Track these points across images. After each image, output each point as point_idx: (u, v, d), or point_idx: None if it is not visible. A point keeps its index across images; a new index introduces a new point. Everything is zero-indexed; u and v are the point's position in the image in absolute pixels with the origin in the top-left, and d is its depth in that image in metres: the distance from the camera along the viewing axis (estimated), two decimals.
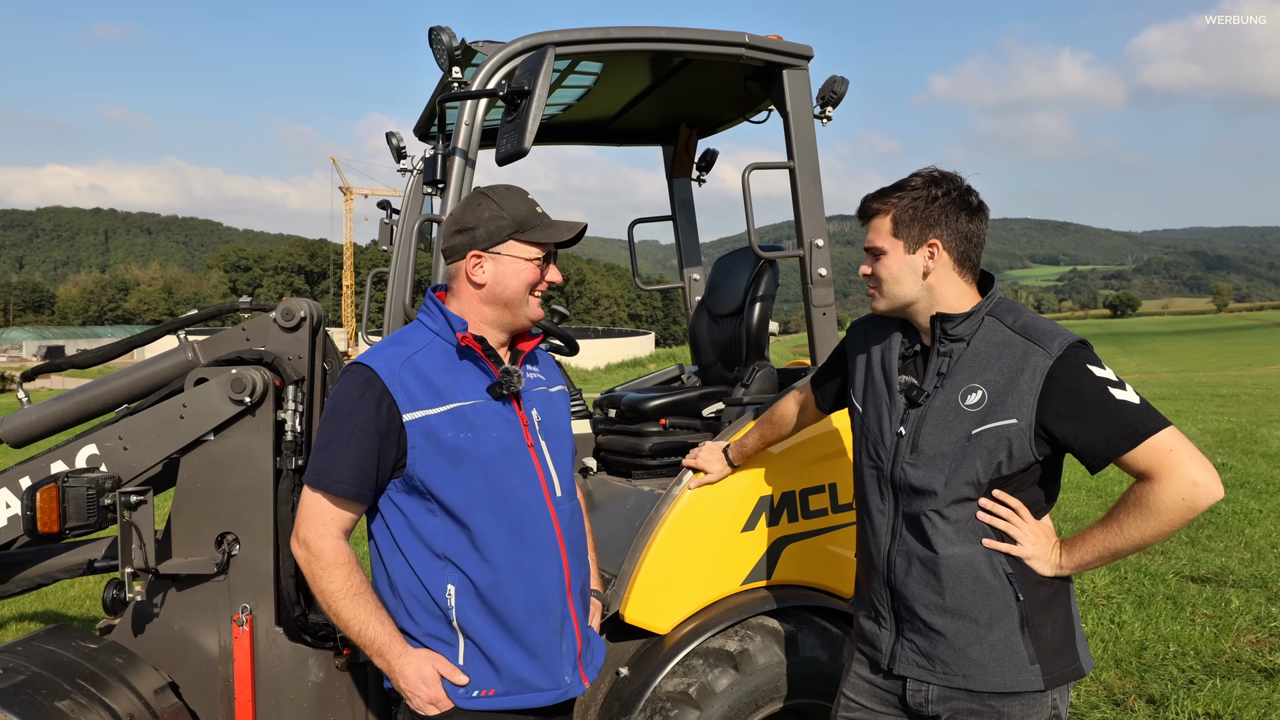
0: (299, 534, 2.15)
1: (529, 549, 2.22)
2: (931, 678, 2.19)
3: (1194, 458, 2.00)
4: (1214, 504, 2.00)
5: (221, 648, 3.04)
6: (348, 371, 2.18)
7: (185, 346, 3.29)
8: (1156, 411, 2.03)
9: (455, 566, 2.17)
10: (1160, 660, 5.30)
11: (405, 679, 2.15)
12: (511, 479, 2.21)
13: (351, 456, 2.10)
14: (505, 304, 2.25)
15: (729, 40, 3.21)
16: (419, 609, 2.19)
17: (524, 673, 2.22)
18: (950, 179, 2.24)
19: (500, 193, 2.26)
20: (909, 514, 2.22)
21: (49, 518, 2.77)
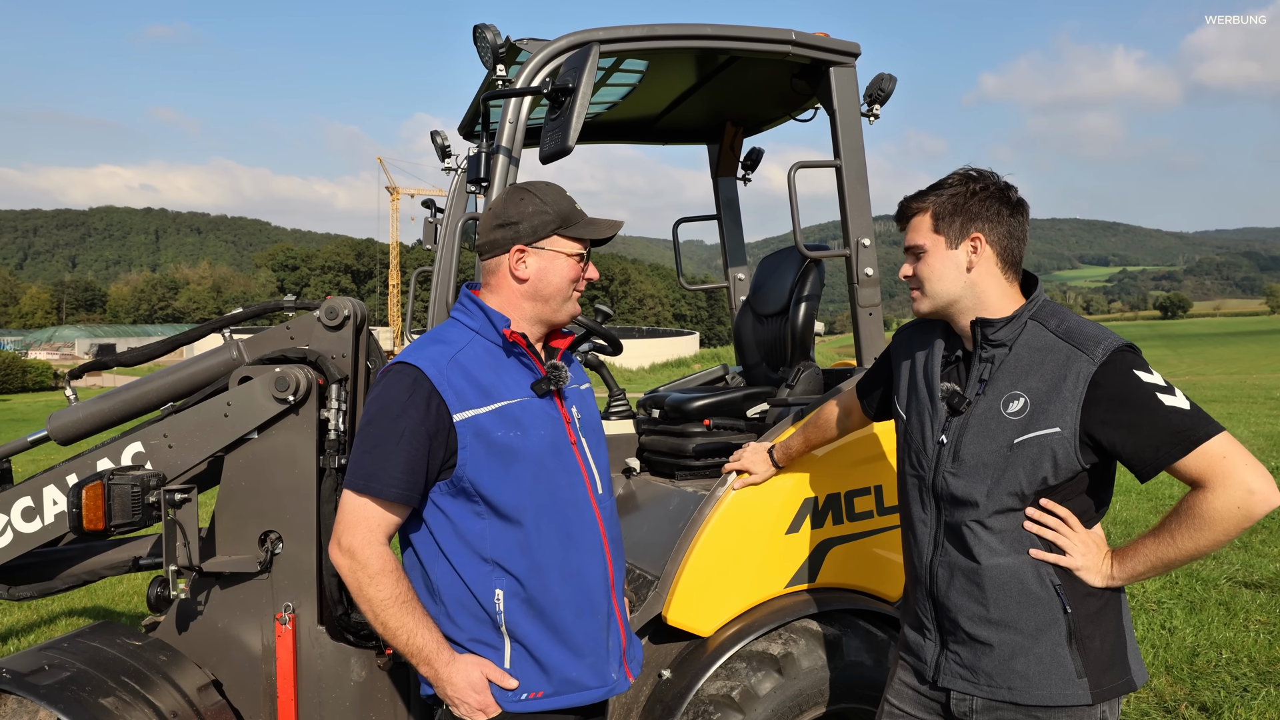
0: (341, 542, 2.10)
1: (576, 548, 2.19)
2: (976, 690, 2.14)
3: (1249, 464, 1.93)
4: (1271, 511, 1.93)
5: (264, 646, 3.05)
6: (392, 371, 2.13)
7: (230, 345, 3.30)
8: (1208, 416, 1.96)
9: (504, 570, 2.13)
10: (1213, 667, 5.18)
11: (454, 686, 2.12)
12: (559, 478, 2.18)
13: (402, 459, 2.05)
14: (547, 299, 2.22)
15: (775, 38, 3.17)
16: (463, 614, 2.16)
17: (572, 673, 2.19)
18: (988, 175, 2.19)
19: (541, 188, 2.23)
20: (950, 524, 2.17)
21: (94, 515, 2.79)
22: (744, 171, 4.45)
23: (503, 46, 2.86)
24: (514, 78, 2.91)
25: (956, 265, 2.17)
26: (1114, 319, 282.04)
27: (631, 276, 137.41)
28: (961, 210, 2.15)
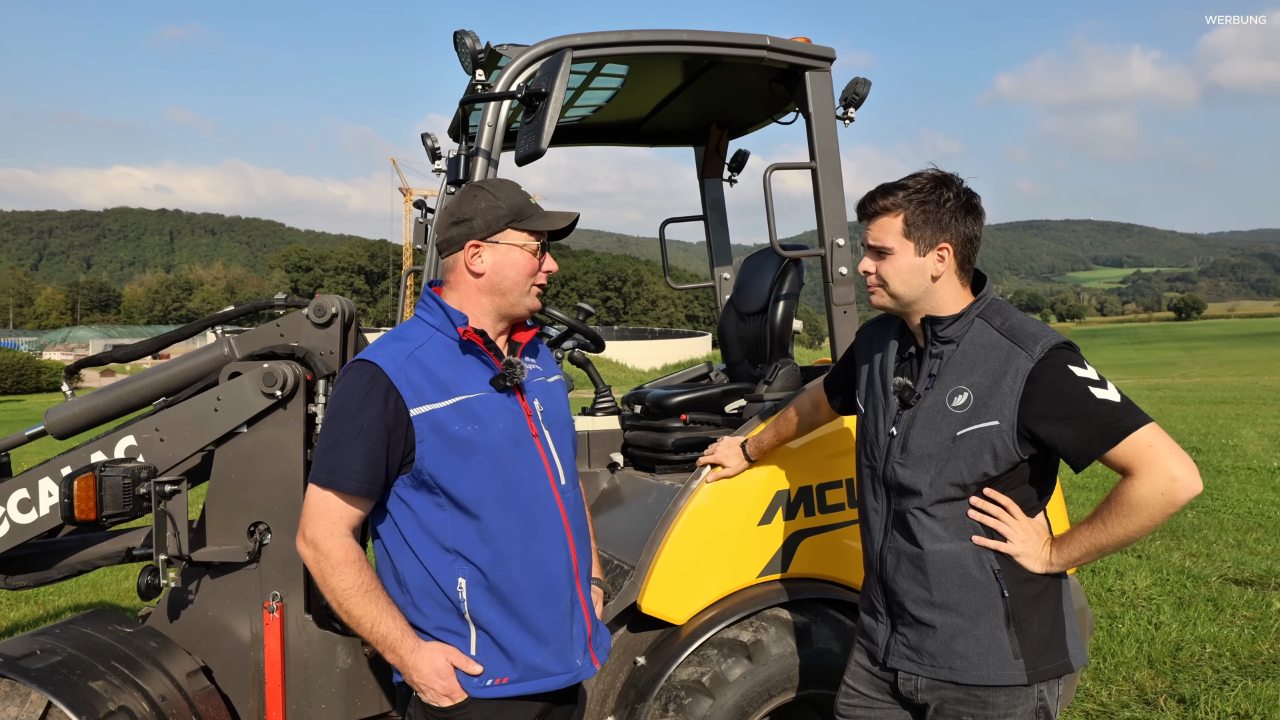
0: (305, 534, 2.18)
1: (538, 537, 2.27)
2: (920, 670, 2.23)
3: (1173, 453, 2.01)
4: (1192, 499, 2.01)
5: (253, 634, 3.14)
6: (351, 369, 2.21)
7: (221, 342, 3.40)
8: (1138, 409, 2.04)
9: (465, 559, 2.21)
10: (1195, 661, 5.25)
11: (419, 673, 2.20)
12: (519, 469, 2.26)
13: (361, 453, 2.13)
14: (504, 293, 2.29)
15: (750, 43, 3.26)
16: (429, 603, 2.24)
17: (537, 659, 2.27)
18: (956, 182, 2.26)
19: (495, 184, 2.31)
20: (898, 512, 2.26)
21: (86, 505, 2.88)
22: (729, 173, 4.53)
23: (482, 52, 2.95)
24: (494, 82, 3.00)
25: (922, 271, 2.24)
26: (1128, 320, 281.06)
27: (644, 278, 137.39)
28: (933, 220, 2.21)
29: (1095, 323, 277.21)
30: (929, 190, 2.23)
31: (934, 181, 2.24)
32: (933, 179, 2.25)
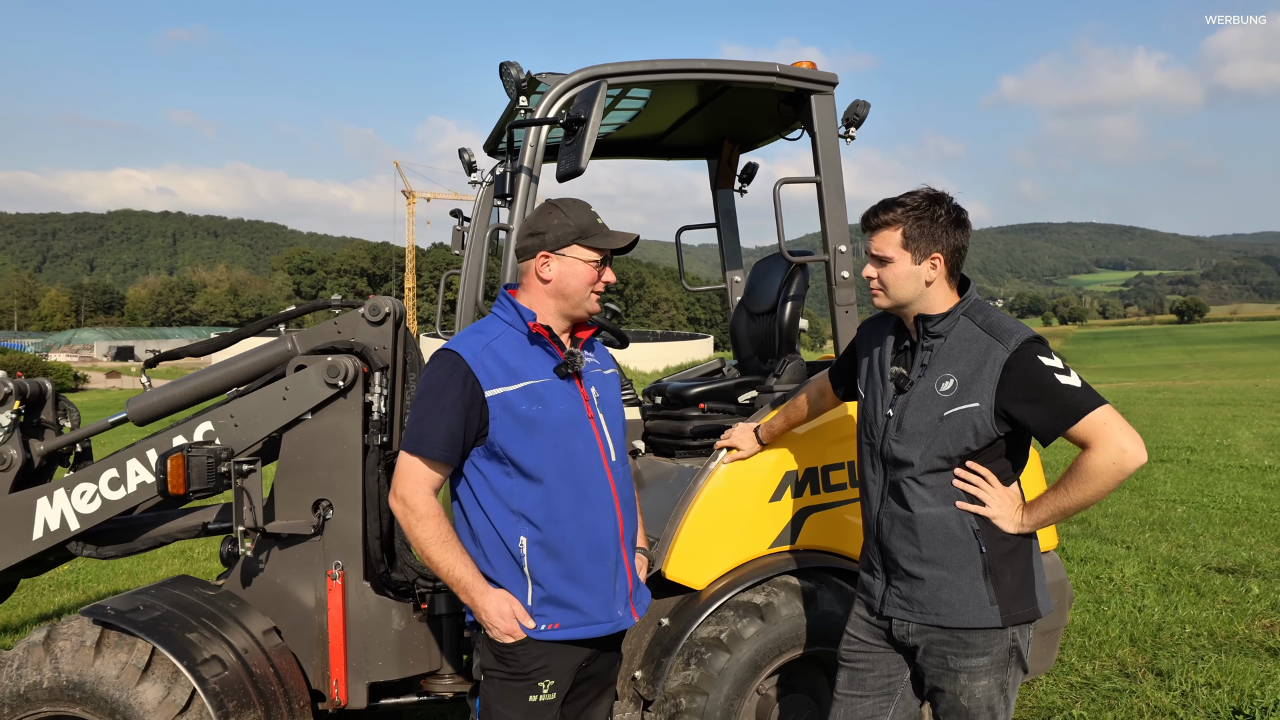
0: (397, 491, 2.57)
1: (589, 504, 2.64)
2: (911, 617, 2.60)
3: (1124, 429, 2.38)
4: (1139, 468, 2.38)
5: (317, 599, 3.51)
6: (437, 356, 2.60)
7: (285, 338, 3.77)
8: (1095, 392, 2.41)
9: (527, 520, 2.59)
10: (1175, 640, 5.61)
11: (487, 613, 2.57)
12: (576, 445, 2.63)
13: (444, 426, 2.52)
14: (567, 297, 2.66)
15: (762, 70, 3.63)
16: (497, 555, 2.61)
17: (584, 609, 2.64)
18: (947, 199, 2.63)
19: (567, 204, 2.69)
20: (893, 482, 2.62)
21: (177, 482, 3.26)
22: (740, 184, 4.90)
23: (524, 80, 3.32)
24: (534, 106, 3.38)
25: (917, 277, 2.60)
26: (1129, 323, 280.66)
27: (646, 280, 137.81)
28: (927, 234, 2.57)
29: (1097, 325, 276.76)
30: (924, 207, 2.59)
31: (928, 199, 2.61)
32: (927, 197, 2.62)
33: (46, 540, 3.57)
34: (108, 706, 2.95)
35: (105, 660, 2.99)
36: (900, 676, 2.72)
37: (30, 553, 3.59)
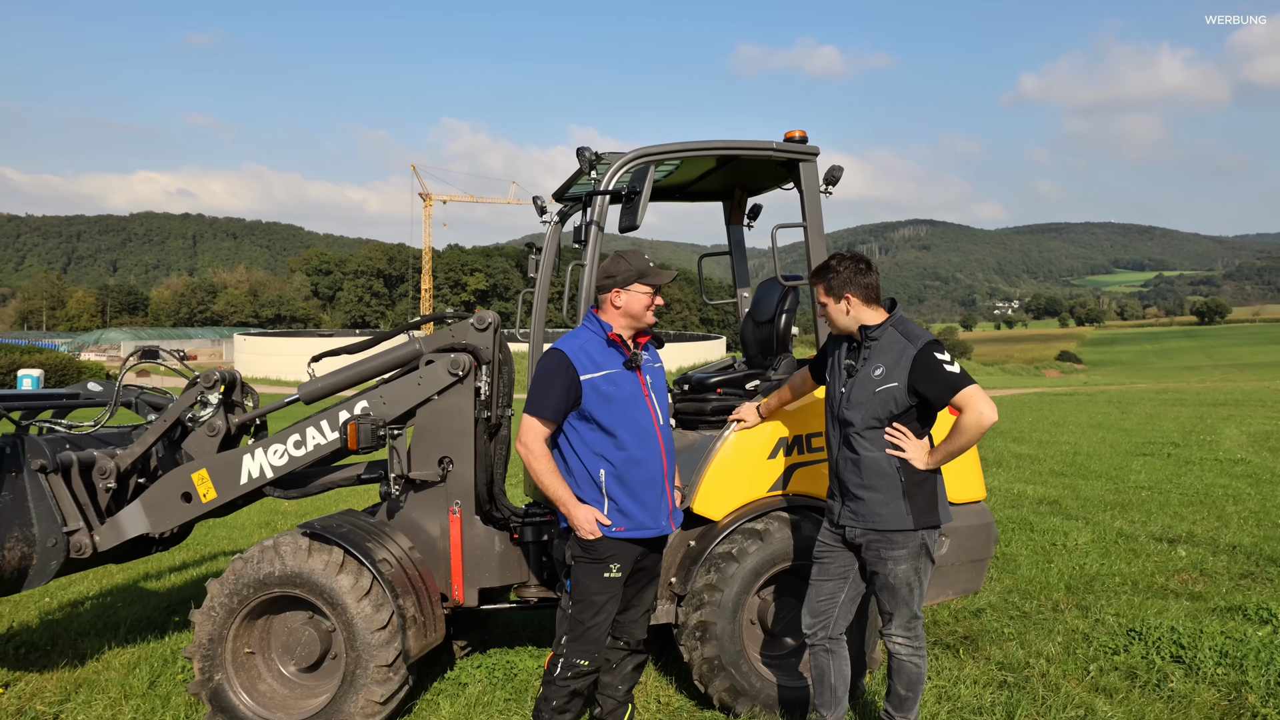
0: (522, 439, 3.95)
1: (645, 450, 4.01)
2: (857, 524, 3.95)
3: (984, 399, 3.72)
4: (993, 424, 3.73)
5: (442, 527, 4.90)
6: (549, 352, 3.98)
7: (414, 340, 5.14)
8: (968, 376, 3.75)
9: (605, 459, 3.96)
10: (1104, 588, 6.91)
11: (576, 519, 3.95)
12: (636, 412, 4.01)
13: (553, 398, 3.90)
14: (633, 317, 4.05)
15: (764, 146, 5.00)
16: (585, 483, 3.99)
17: (640, 519, 4.01)
18: (853, 257, 3.99)
19: (631, 254, 4.06)
20: (844, 435, 3.97)
21: (352, 441, 4.65)
22: (748, 221, 6.26)
23: (594, 158, 4.70)
24: (601, 175, 4.75)
25: (843, 312, 3.98)
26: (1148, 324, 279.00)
27: None
28: (837, 286, 3.96)
29: (1115, 326, 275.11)
30: (836, 268, 3.97)
31: (839, 261, 3.98)
32: (839, 260, 3.99)
33: (249, 485, 4.98)
34: (318, 589, 4.36)
35: (314, 559, 4.40)
36: (851, 567, 4.08)
37: (238, 494, 5.00)
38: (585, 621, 4.01)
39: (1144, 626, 5.72)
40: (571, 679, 4.03)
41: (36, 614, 6.70)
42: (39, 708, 4.93)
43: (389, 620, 4.36)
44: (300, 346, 72.09)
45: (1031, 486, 11.83)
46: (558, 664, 4.05)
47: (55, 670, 5.51)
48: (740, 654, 4.63)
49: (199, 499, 5.01)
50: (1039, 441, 17.37)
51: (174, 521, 5.07)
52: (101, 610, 6.82)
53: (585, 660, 4.02)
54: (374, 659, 4.31)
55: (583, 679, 4.05)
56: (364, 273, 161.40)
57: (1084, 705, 4.63)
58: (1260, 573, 7.22)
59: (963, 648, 5.63)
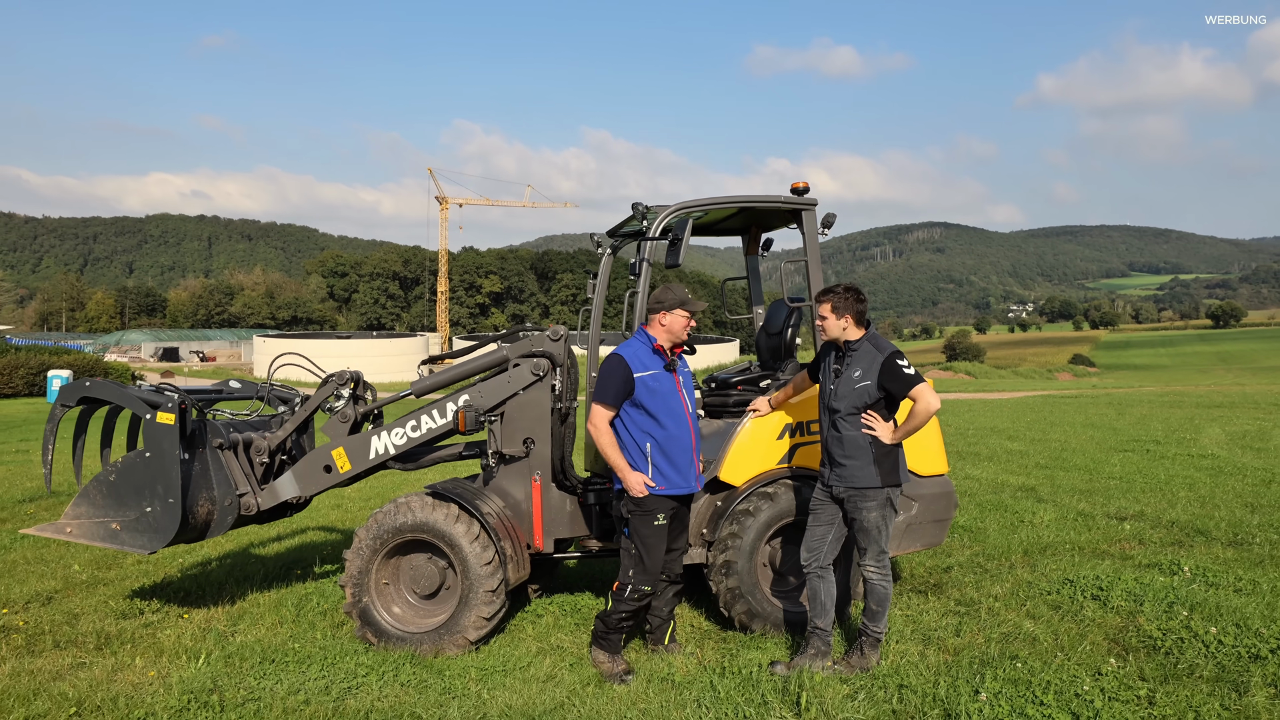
0: (593, 420, 5.44)
1: (680, 430, 5.50)
2: (840, 484, 5.42)
3: (930, 393, 5.20)
4: (937, 410, 5.19)
5: (525, 492, 6.38)
6: (613, 356, 5.46)
7: (501, 348, 6.62)
8: (920, 376, 5.22)
9: (651, 436, 5.45)
10: (1054, 552, 8.35)
11: (629, 482, 5.42)
12: (673, 403, 5.50)
13: (613, 390, 5.40)
14: (673, 334, 5.54)
15: (774, 199, 6.48)
16: (635, 453, 5.48)
17: (676, 480, 5.51)
18: (851, 288, 5.45)
19: (675, 287, 5.55)
20: (831, 419, 5.44)
21: (461, 425, 6.15)
22: (762, 252, 7.74)
23: (644, 210, 6.18)
24: (651, 221, 6.23)
25: (839, 327, 5.45)
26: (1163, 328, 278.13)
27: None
28: (841, 307, 5.42)
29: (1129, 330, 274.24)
30: (841, 293, 5.43)
31: (844, 290, 5.44)
32: (844, 289, 5.44)
33: (376, 460, 6.49)
34: (440, 534, 5.86)
35: (437, 512, 5.90)
36: (837, 515, 5.55)
37: (367, 466, 6.50)
38: (645, 558, 5.49)
39: (1076, 576, 7.16)
40: (635, 600, 5.51)
41: (178, 570, 8.22)
42: (219, 627, 6.44)
43: (493, 557, 5.86)
44: (318, 348, 73.54)
45: (1014, 477, 13.23)
46: (625, 589, 5.52)
47: (216, 607, 7.02)
48: (755, 586, 6.11)
49: (337, 470, 6.53)
50: (1031, 439, 18.71)
51: (317, 488, 6.58)
52: (229, 569, 8.33)
53: (647, 586, 5.50)
54: (483, 585, 5.81)
55: (642, 601, 5.53)
56: (379, 275, 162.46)
57: (1015, 625, 6.09)
58: (1187, 541, 8.64)
59: (930, 591, 7.10)
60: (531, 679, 5.41)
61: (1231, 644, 5.49)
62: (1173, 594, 6.54)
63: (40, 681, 5.23)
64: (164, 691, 5.02)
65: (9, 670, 5.49)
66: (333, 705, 4.86)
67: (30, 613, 6.86)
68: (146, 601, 7.16)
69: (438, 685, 5.24)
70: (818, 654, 5.46)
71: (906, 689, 4.97)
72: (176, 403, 6.06)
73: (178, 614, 6.84)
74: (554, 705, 4.85)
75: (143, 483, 6.12)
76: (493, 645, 6.07)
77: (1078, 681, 4.97)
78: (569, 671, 5.54)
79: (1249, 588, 6.79)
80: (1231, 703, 4.74)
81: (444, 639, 5.84)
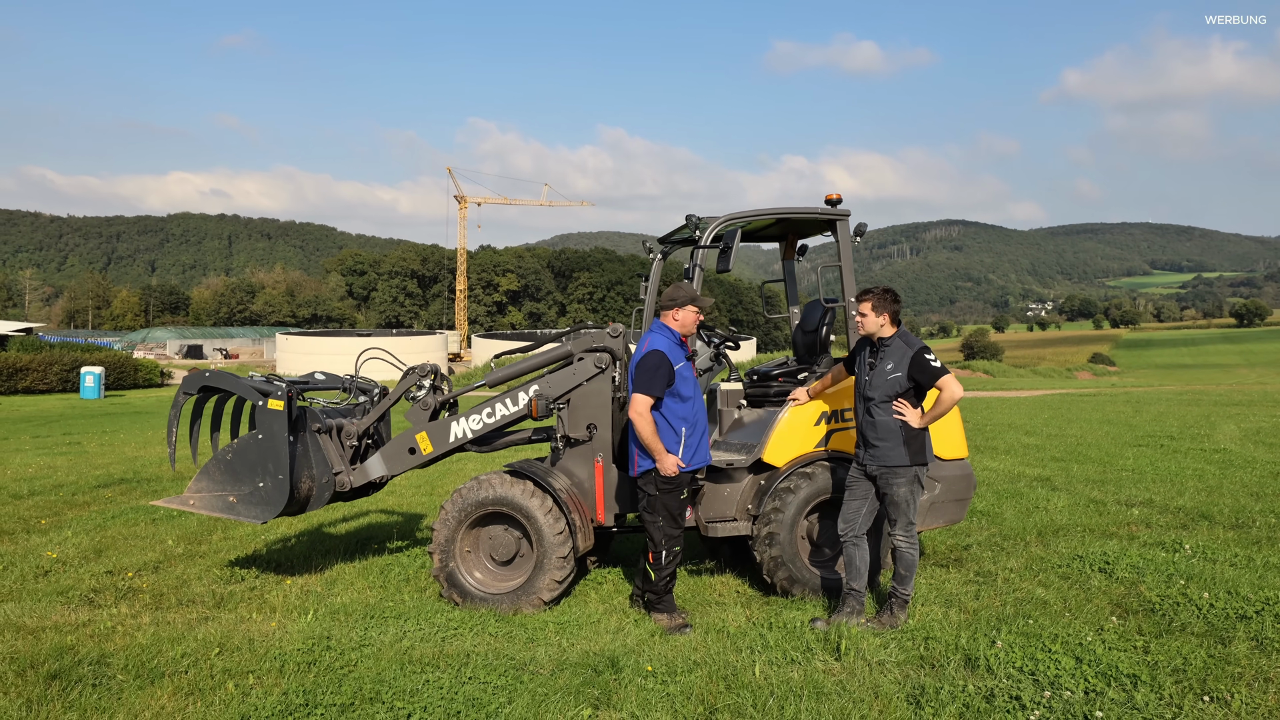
0: (638, 409, 6.17)
1: (701, 414, 6.32)
2: (874, 463, 6.16)
3: (954, 383, 5.94)
4: (960, 396, 5.93)
5: (589, 472, 7.14)
6: (654, 352, 6.20)
7: (566, 343, 7.37)
8: (946, 368, 5.96)
9: (685, 420, 6.25)
10: (1067, 533, 9.05)
11: (666, 464, 6.20)
12: (696, 389, 6.30)
13: (661, 383, 6.15)
14: (685, 327, 6.34)
15: (811, 210, 7.23)
16: (670, 438, 6.25)
17: (697, 457, 6.33)
18: (889, 290, 6.19)
19: (685, 286, 6.36)
20: (866, 406, 6.18)
21: (533, 411, 6.92)
22: (798, 257, 8.48)
23: (697, 221, 6.93)
24: (702, 230, 6.98)
25: (876, 324, 6.19)
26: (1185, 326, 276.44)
27: None
28: (878, 306, 6.15)
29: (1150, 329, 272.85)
30: (880, 294, 6.16)
31: (883, 290, 6.18)
32: (884, 290, 6.18)
33: (455, 443, 7.27)
34: (517, 507, 6.64)
35: (515, 488, 6.68)
36: (870, 490, 6.29)
37: (447, 449, 7.28)
38: (672, 524, 6.27)
39: (1085, 552, 7.88)
40: (673, 560, 6.32)
41: (264, 545, 9.03)
42: (317, 590, 7.24)
43: (564, 527, 6.63)
44: (339, 346, 74.70)
45: (1031, 468, 13.92)
46: (661, 554, 6.31)
47: (309, 574, 7.82)
48: (795, 555, 6.86)
49: (421, 452, 7.31)
50: (1048, 435, 19.37)
51: (403, 468, 7.37)
52: (310, 545, 9.13)
53: (678, 546, 6.31)
54: (555, 552, 6.58)
55: (678, 558, 6.33)
56: (398, 273, 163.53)
57: (1028, 592, 6.82)
58: (1191, 524, 9.33)
59: (951, 565, 7.83)
60: (603, 631, 6.18)
61: (1222, 607, 6.21)
62: (1173, 567, 7.25)
63: (179, 630, 6.03)
64: (287, 638, 5.80)
65: (150, 620, 6.30)
66: (436, 649, 5.63)
67: (145, 578, 7.68)
68: (245, 570, 7.97)
69: (522, 636, 6.01)
70: (853, 612, 6.20)
71: (932, 639, 5.71)
72: (285, 391, 6.86)
73: (275, 580, 7.64)
74: (627, 650, 5.60)
75: (256, 461, 6.92)
76: (563, 605, 6.84)
77: (1082, 635, 5.70)
78: (635, 626, 6.30)
79: (1244, 562, 7.50)
80: (1217, 652, 5.45)
81: (521, 599, 6.61)
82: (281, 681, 5.08)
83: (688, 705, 4.81)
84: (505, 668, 5.28)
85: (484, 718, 4.65)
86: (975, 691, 4.89)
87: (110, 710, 4.74)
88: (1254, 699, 4.80)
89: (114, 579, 7.64)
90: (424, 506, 11.29)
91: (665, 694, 4.93)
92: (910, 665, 5.38)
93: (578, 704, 4.79)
